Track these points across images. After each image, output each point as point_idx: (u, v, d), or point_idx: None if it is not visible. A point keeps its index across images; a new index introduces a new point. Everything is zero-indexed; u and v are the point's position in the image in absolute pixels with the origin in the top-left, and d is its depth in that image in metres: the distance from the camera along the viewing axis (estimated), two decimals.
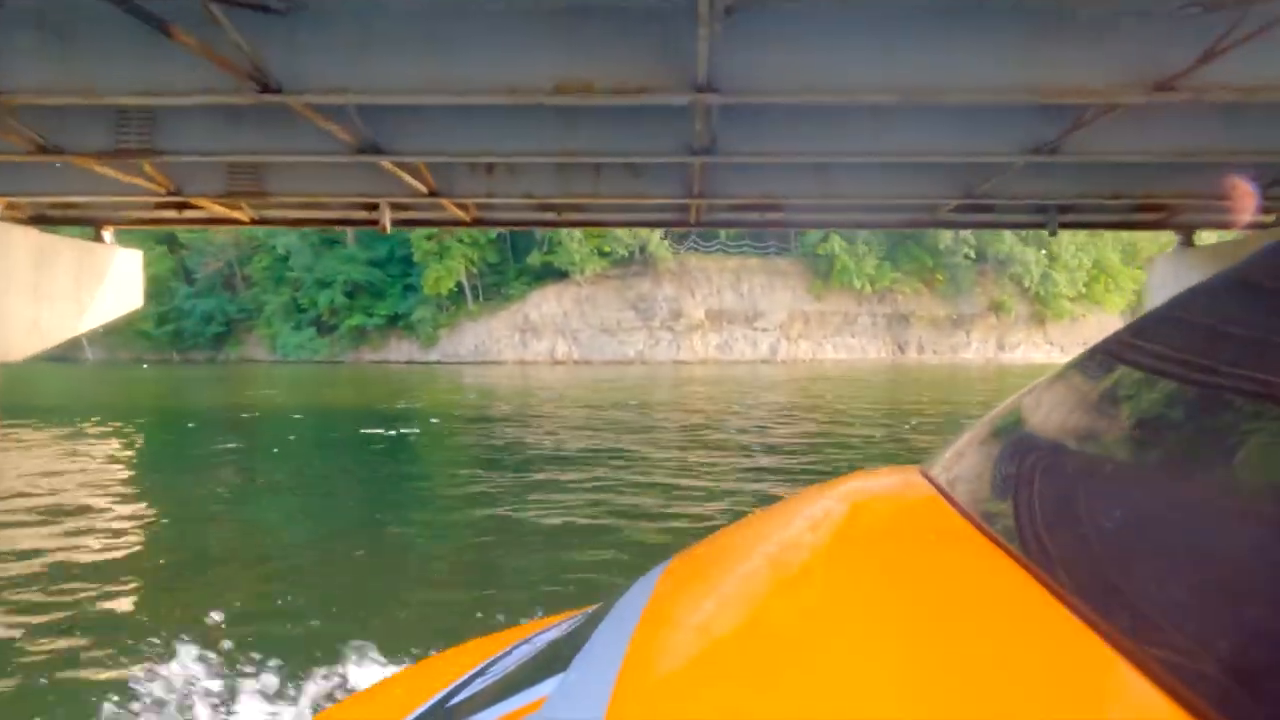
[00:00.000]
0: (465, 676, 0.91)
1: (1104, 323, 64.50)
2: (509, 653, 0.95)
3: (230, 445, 11.59)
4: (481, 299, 52.02)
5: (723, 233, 52.45)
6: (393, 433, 11.86)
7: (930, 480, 0.79)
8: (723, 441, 11.32)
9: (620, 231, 48.26)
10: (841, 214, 11.76)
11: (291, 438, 12.25)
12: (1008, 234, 55.13)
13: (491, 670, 0.90)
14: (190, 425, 14.37)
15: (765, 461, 9.56)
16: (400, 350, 53.60)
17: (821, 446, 10.60)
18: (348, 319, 52.88)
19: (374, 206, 11.87)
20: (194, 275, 61.41)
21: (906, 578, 0.63)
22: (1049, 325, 60.93)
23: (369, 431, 11.89)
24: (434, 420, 14.17)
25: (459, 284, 50.41)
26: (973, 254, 54.59)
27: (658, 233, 49.66)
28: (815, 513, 0.87)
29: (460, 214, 11.83)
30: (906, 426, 12.98)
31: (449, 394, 21.88)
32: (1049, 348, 61.37)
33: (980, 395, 20.04)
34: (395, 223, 12.30)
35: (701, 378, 31.46)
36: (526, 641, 0.96)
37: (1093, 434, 0.54)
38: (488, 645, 1.07)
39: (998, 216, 11.93)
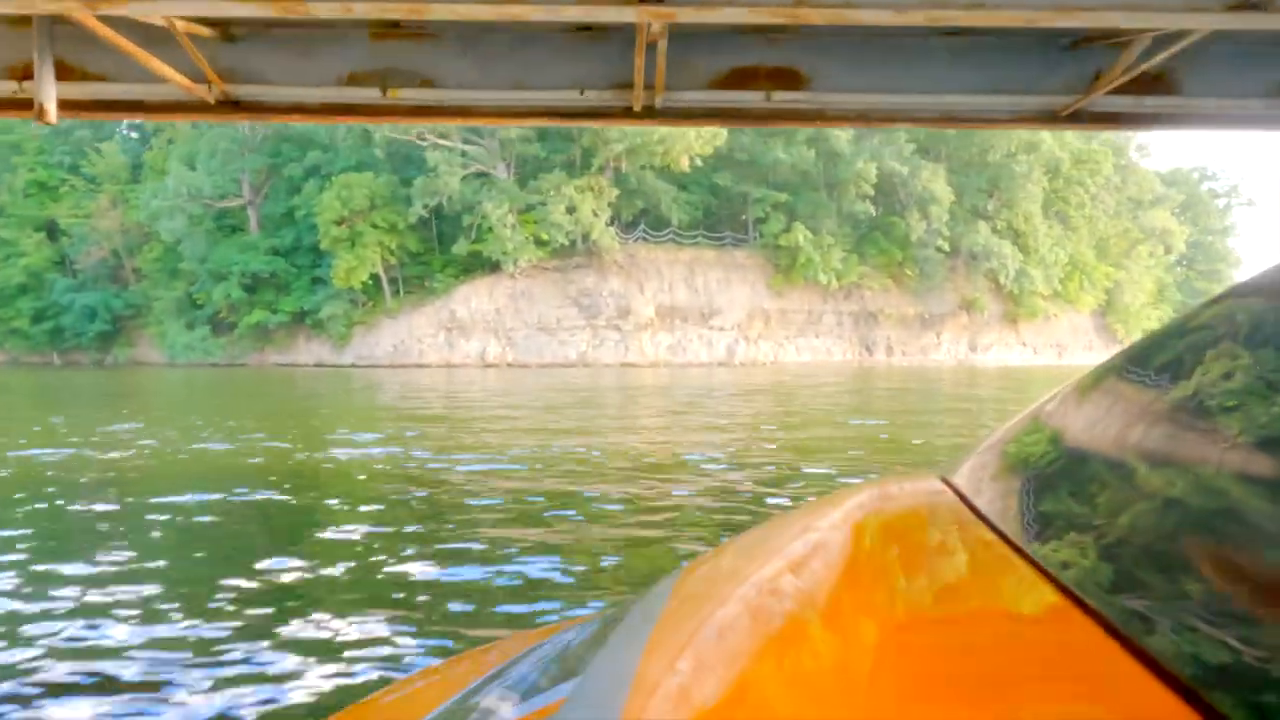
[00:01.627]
0: (481, 679, 0.91)
1: (1076, 323, 60.90)
2: (525, 656, 0.94)
3: None
4: (402, 293, 45.81)
5: (675, 219, 47.09)
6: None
7: (951, 486, 0.78)
8: None
9: (559, 217, 42.55)
10: (916, 92, 6.35)
11: None
12: (983, 226, 50.88)
13: (508, 674, 0.90)
14: None
15: None
16: (309, 351, 47.14)
17: None
18: (247, 316, 46.24)
19: (29, 72, 5.99)
20: (76, 266, 54.10)
21: (930, 585, 0.63)
22: (1021, 325, 56.95)
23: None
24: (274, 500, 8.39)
25: (375, 276, 44.16)
26: (946, 246, 50.09)
27: (602, 219, 44.08)
28: (835, 518, 0.86)
29: (182, 81, 6.04)
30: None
31: (347, 424, 15.99)
32: (1021, 349, 57.46)
33: (989, 412, 15.14)
34: (71, 105, 6.45)
35: (655, 385, 26.05)
36: (543, 645, 0.96)
37: (1118, 440, 0.54)
38: (505, 649, 1.06)
39: (1186, 102, 6.62)
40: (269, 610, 3.88)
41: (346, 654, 3.33)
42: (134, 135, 61.39)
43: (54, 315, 53.30)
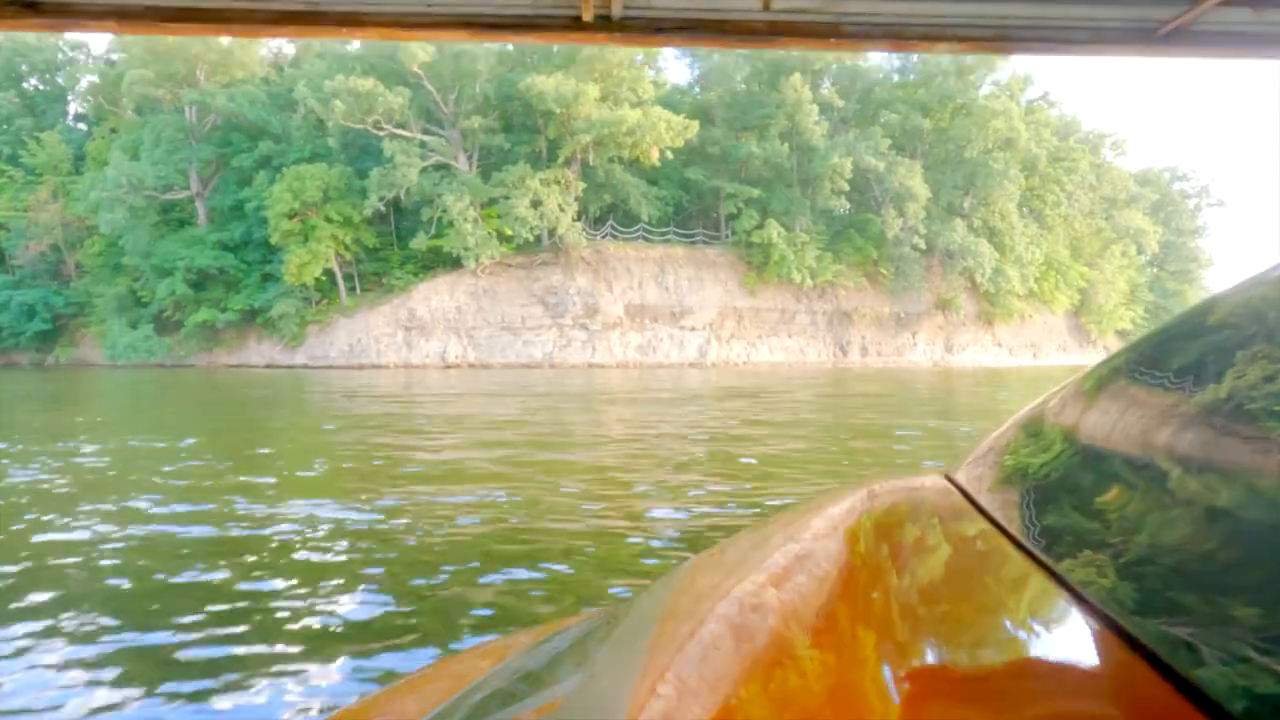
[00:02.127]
0: (484, 676, 0.90)
1: (1050, 323, 60.12)
2: (530, 652, 0.94)
3: None
4: (358, 290, 43.64)
5: (645, 215, 45.39)
6: None
7: (955, 483, 0.80)
8: None
9: (524, 211, 40.65)
10: (963, 0, 4.60)
11: None
12: (959, 224, 49.70)
13: (511, 669, 0.90)
14: None
15: None
16: (260, 352, 44.82)
17: None
18: (194, 314, 43.79)
19: None
20: (14, 262, 51.20)
21: (935, 582, 0.65)
22: (997, 325, 55.96)
23: None
24: None
25: (329, 272, 41.93)
26: (922, 244, 48.88)
27: (568, 214, 42.25)
28: (839, 515, 0.86)
29: None
30: None
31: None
32: (997, 349, 56.50)
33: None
34: None
35: (621, 390, 24.39)
36: (547, 641, 0.95)
37: (1124, 437, 0.55)
38: (508, 645, 1.07)
39: None
40: None
41: None
42: (80, 126, 58.45)
43: None
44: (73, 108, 59.42)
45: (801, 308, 49.69)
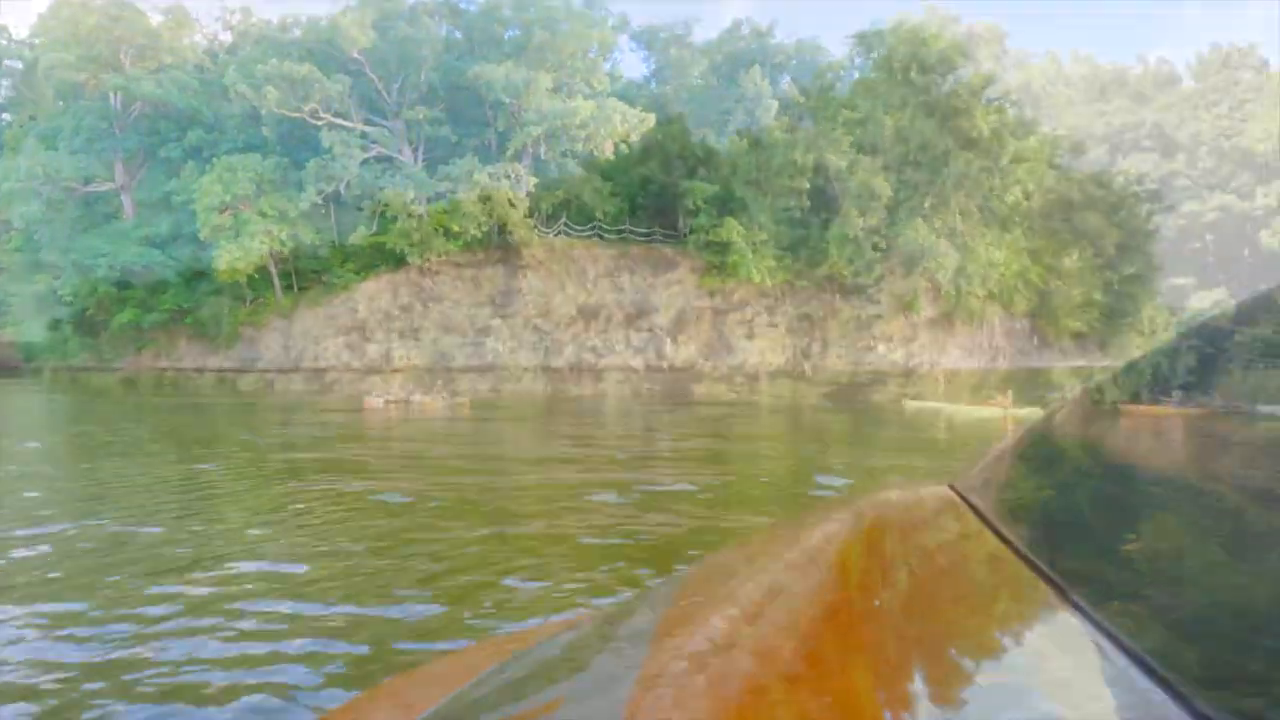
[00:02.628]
0: (483, 674, 0.90)
1: (1009, 326, 59.53)
2: (529, 652, 0.94)
3: None
4: (295, 289, 41.19)
5: (599, 212, 43.61)
6: None
7: (959, 494, 0.81)
8: None
9: (472, 207, 38.59)
10: None
11: None
12: (920, 224, 48.73)
13: (510, 669, 0.89)
14: None
15: None
16: (192, 354, 42.10)
17: None
18: (119, 314, 40.96)
19: None
20: None
21: (936, 587, 0.65)
22: (958, 327, 55.16)
23: None
24: None
25: (263, 270, 39.44)
26: (883, 245, 47.80)
27: (519, 210, 40.30)
28: (844, 523, 0.86)
29: None
30: None
31: None
32: (958, 352, 55.69)
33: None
34: None
35: (567, 400, 22.63)
36: (548, 641, 0.95)
37: (1120, 451, 0.56)
38: (507, 644, 1.07)
39: None
40: None
41: None
42: (5, 116, 55.03)
43: None
44: None
45: (761, 308, 48.31)
